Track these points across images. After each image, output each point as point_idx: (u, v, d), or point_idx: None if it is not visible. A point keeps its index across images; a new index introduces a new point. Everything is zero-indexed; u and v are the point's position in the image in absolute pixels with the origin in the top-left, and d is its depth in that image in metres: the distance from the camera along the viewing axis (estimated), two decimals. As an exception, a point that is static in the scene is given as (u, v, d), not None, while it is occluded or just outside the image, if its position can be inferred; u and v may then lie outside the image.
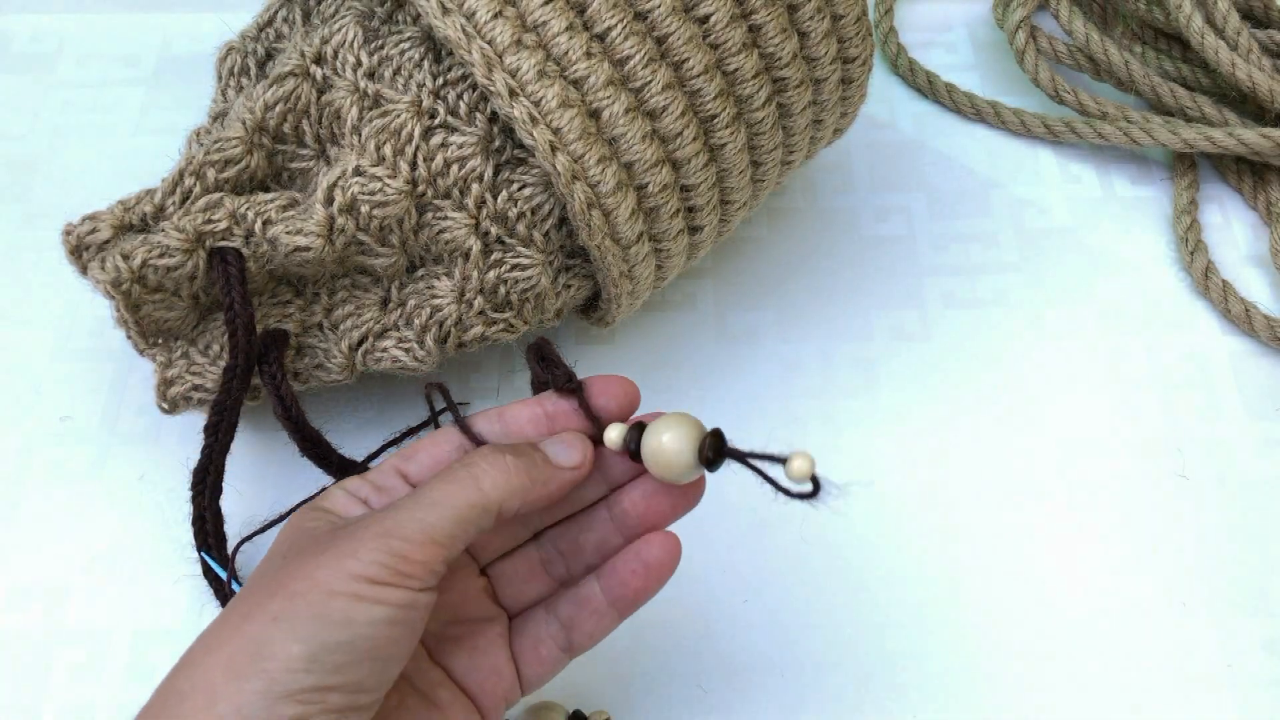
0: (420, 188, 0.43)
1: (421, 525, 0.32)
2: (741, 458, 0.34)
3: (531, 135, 0.41)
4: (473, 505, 0.33)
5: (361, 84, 0.43)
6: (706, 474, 0.36)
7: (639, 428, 0.36)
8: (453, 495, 0.33)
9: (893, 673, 0.45)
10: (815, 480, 0.33)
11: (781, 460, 0.33)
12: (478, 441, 0.37)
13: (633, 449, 0.35)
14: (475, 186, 0.43)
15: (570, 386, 0.37)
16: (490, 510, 0.33)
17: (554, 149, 0.41)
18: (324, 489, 0.37)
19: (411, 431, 0.49)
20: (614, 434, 0.36)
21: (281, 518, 0.46)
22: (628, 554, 0.37)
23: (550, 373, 0.37)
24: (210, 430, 0.45)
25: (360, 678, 0.31)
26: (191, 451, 0.46)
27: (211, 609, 0.46)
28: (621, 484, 0.38)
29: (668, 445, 0.34)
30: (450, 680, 0.36)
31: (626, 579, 0.37)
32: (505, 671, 0.37)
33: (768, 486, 0.33)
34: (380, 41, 0.44)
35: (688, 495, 0.37)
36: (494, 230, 0.44)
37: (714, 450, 0.34)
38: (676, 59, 0.43)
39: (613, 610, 0.37)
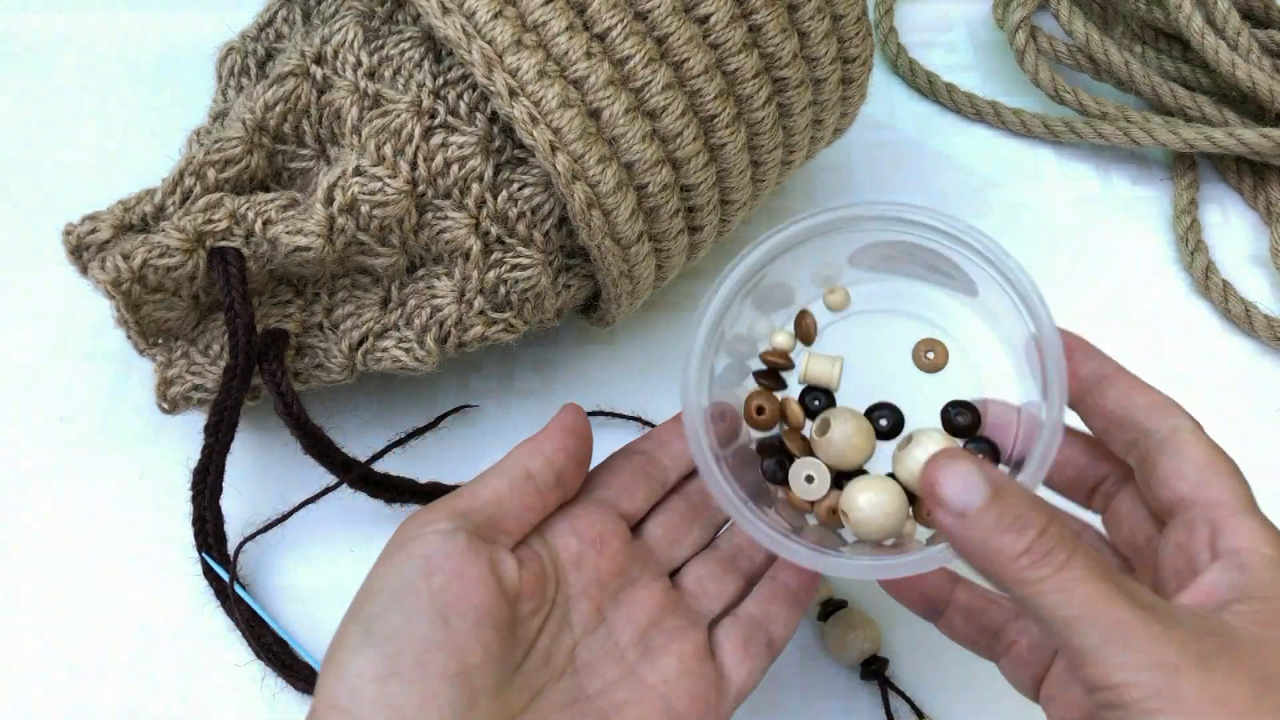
0: (420, 188, 0.43)
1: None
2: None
3: (531, 135, 0.41)
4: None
5: (361, 84, 0.43)
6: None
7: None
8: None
9: (894, 666, 0.45)
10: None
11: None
12: None
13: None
14: (475, 186, 0.43)
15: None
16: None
17: (554, 149, 0.41)
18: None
19: (417, 432, 0.49)
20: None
21: (282, 517, 0.46)
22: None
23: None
24: (210, 430, 0.45)
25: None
26: (191, 451, 0.46)
27: (212, 609, 0.46)
28: None
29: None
30: (651, 691, 0.35)
31: (793, 570, 0.38)
32: (711, 676, 0.36)
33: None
34: (380, 41, 0.44)
35: None
36: (494, 230, 0.44)
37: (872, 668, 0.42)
38: (676, 59, 0.43)
39: (797, 599, 0.38)
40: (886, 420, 0.39)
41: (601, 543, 0.37)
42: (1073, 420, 0.36)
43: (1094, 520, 0.38)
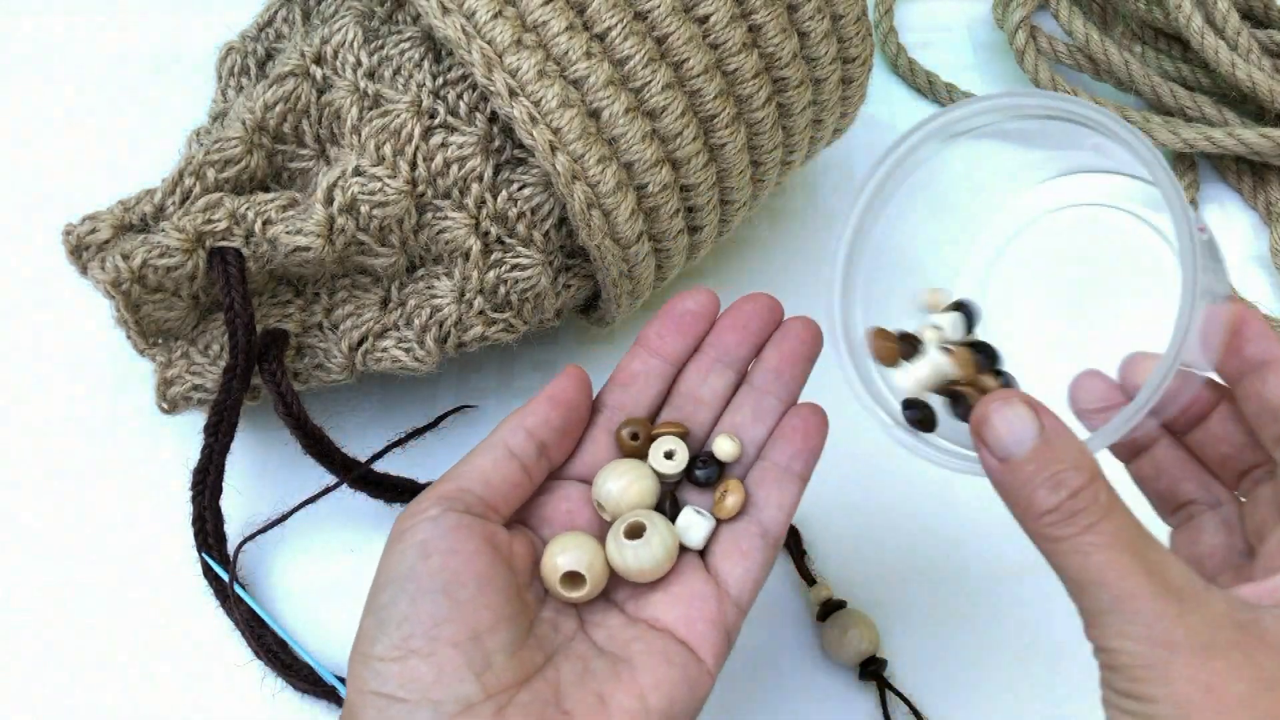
0: (420, 188, 0.43)
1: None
2: None
3: (531, 135, 0.41)
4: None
5: (361, 84, 0.43)
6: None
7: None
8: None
9: (892, 666, 0.45)
10: None
11: None
12: None
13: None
14: (475, 186, 0.43)
15: None
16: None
17: (554, 149, 0.41)
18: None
19: (417, 432, 0.49)
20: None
21: (282, 517, 0.46)
22: (787, 417, 0.38)
23: None
24: (210, 430, 0.45)
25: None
26: (191, 451, 0.46)
27: (212, 609, 0.46)
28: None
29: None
30: (652, 630, 0.35)
31: (790, 435, 0.37)
32: (705, 592, 0.36)
33: None
34: (380, 41, 0.44)
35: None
36: (494, 230, 0.44)
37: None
38: (676, 59, 0.43)
39: (789, 472, 0.37)
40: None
41: (573, 516, 0.38)
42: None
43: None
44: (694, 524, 0.36)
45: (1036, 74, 0.61)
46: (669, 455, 0.37)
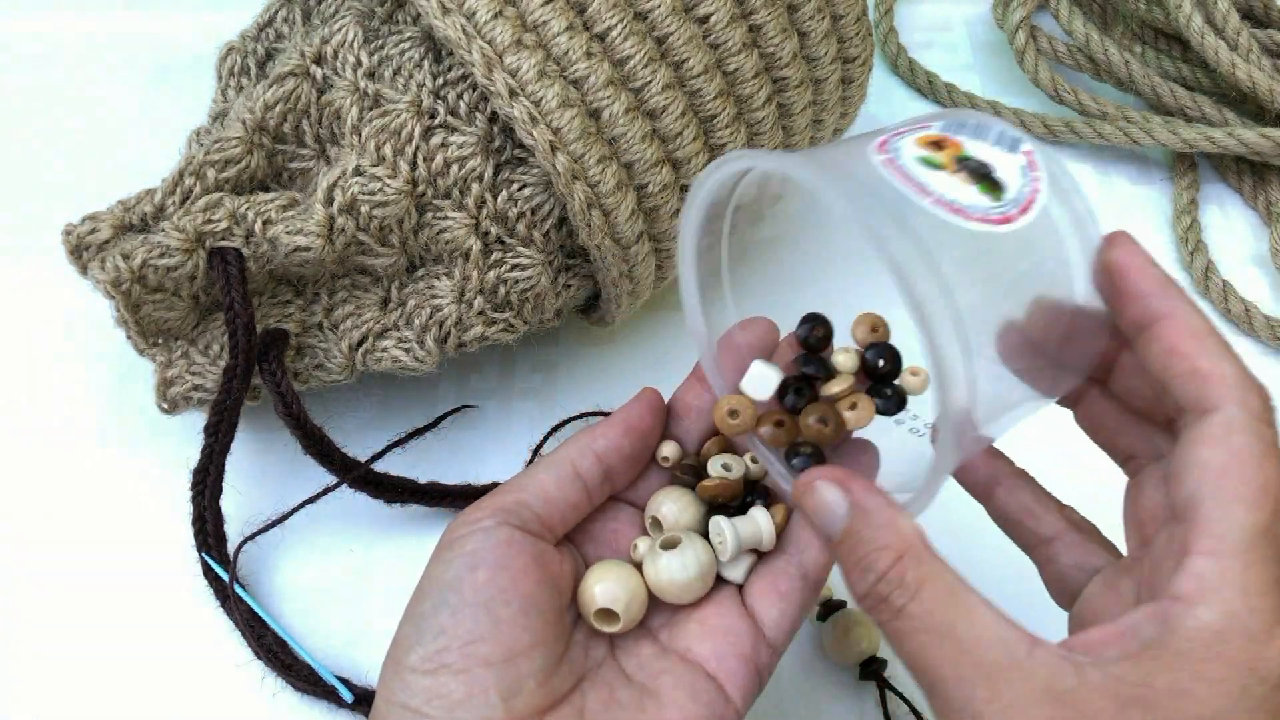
0: (420, 188, 0.43)
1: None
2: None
3: (531, 135, 0.41)
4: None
5: (361, 84, 0.43)
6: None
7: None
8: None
9: (892, 666, 0.45)
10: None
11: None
12: None
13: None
14: (475, 186, 0.43)
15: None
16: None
17: (554, 149, 0.41)
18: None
19: (417, 432, 0.49)
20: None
21: (283, 517, 0.46)
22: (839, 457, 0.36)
23: None
24: (210, 430, 0.45)
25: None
26: (191, 451, 0.46)
27: (212, 609, 0.46)
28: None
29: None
30: (683, 663, 0.35)
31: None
32: (740, 628, 0.35)
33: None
34: (380, 41, 0.44)
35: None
36: (494, 230, 0.44)
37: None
38: (676, 59, 0.43)
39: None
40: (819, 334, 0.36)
41: (619, 536, 0.37)
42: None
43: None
44: (739, 558, 0.36)
45: (1036, 74, 0.61)
46: (726, 467, 0.37)
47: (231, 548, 0.46)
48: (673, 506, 0.36)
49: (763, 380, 0.35)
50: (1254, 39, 0.58)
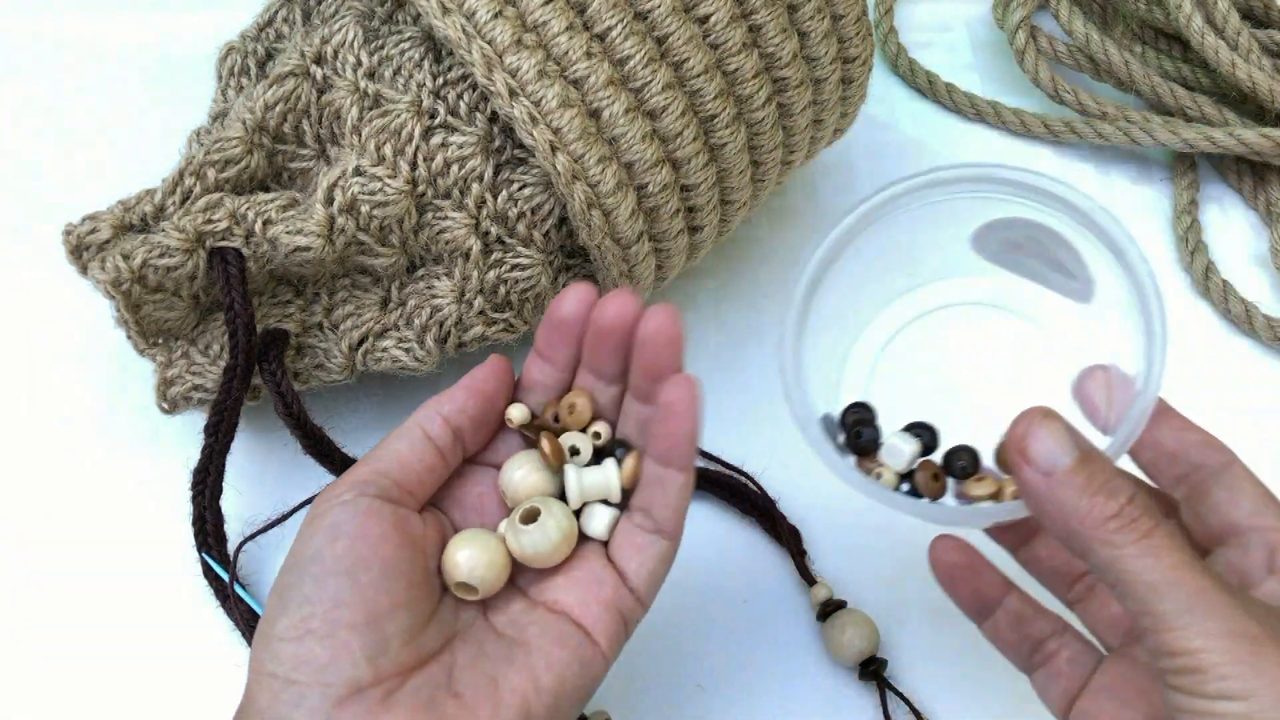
0: (420, 188, 0.43)
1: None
2: None
3: (531, 135, 0.41)
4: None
5: (361, 84, 0.43)
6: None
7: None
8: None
9: (892, 666, 0.45)
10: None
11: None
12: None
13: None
14: (475, 186, 0.43)
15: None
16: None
17: (554, 149, 0.41)
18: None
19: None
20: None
21: (282, 517, 0.46)
22: (656, 410, 0.36)
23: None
24: (210, 430, 0.45)
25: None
26: (191, 451, 0.46)
27: (212, 610, 0.46)
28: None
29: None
30: (550, 613, 0.36)
31: (659, 428, 0.35)
32: (605, 577, 0.36)
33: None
34: (380, 41, 0.44)
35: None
36: (494, 230, 0.44)
37: None
38: (676, 59, 0.43)
39: (669, 469, 0.36)
40: (924, 438, 0.38)
41: (484, 500, 0.38)
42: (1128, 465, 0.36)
43: None
44: (598, 513, 0.37)
45: (1036, 74, 0.61)
46: (574, 451, 0.37)
47: (231, 548, 0.46)
48: (518, 473, 0.37)
49: (898, 454, 0.38)
50: (1254, 39, 0.58)
